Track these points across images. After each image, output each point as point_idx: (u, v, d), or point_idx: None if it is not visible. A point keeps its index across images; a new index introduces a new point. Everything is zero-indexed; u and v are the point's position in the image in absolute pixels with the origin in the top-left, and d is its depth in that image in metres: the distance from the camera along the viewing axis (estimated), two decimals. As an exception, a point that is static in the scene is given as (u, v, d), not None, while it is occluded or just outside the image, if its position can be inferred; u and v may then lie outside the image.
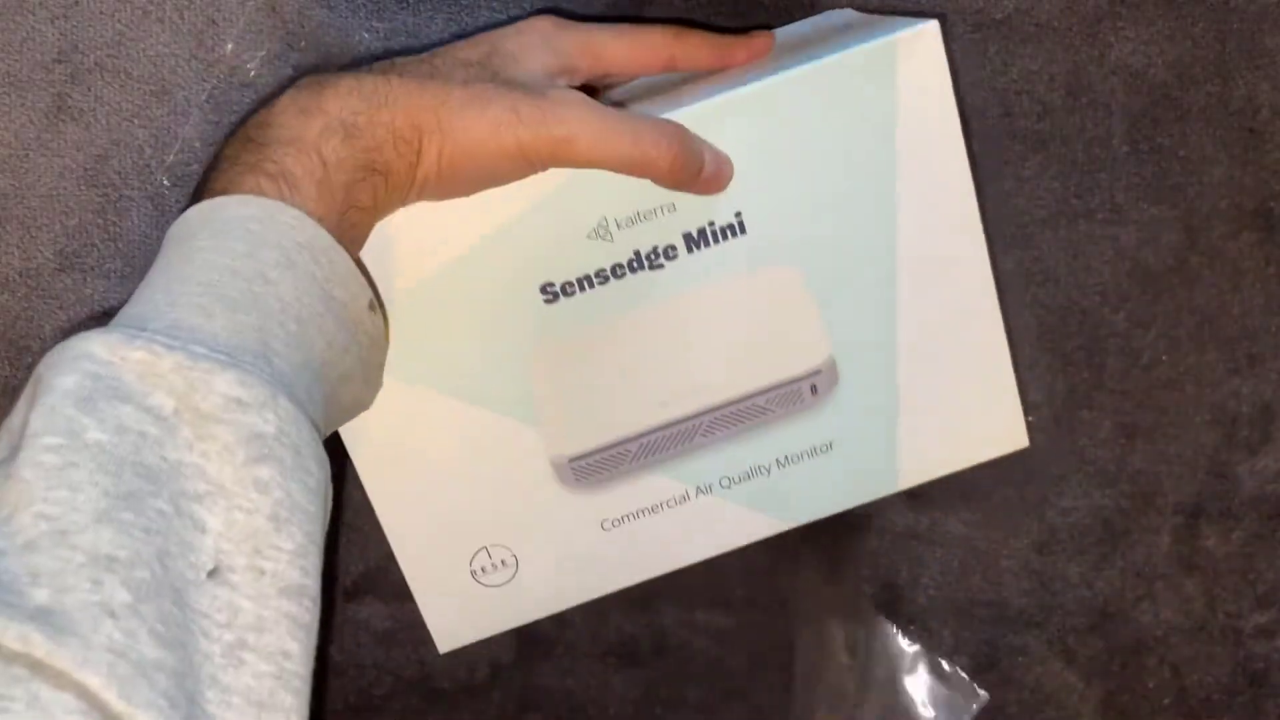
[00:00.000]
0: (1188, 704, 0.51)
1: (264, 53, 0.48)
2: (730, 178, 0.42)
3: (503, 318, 0.43)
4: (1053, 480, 0.50)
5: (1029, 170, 0.49)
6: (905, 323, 0.44)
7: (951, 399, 0.45)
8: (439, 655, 0.49)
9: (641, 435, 0.44)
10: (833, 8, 0.47)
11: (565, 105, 0.38)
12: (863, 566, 0.50)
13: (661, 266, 0.43)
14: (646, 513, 0.45)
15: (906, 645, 0.50)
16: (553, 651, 0.50)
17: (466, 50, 0.41)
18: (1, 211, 0.47)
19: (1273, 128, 0.50)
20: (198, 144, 0.47)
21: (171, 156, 0.48)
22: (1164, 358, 0.50)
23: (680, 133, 0.40)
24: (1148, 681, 0.51)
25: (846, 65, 0.41)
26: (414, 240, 0.41)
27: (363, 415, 0.41)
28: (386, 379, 0.42)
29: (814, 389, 0.44)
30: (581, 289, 0.42)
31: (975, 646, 0.50)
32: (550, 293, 0.42)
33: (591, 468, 0.44)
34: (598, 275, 0.42)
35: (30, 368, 0.48)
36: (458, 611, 0.45)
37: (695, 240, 0.42)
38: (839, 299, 0.44)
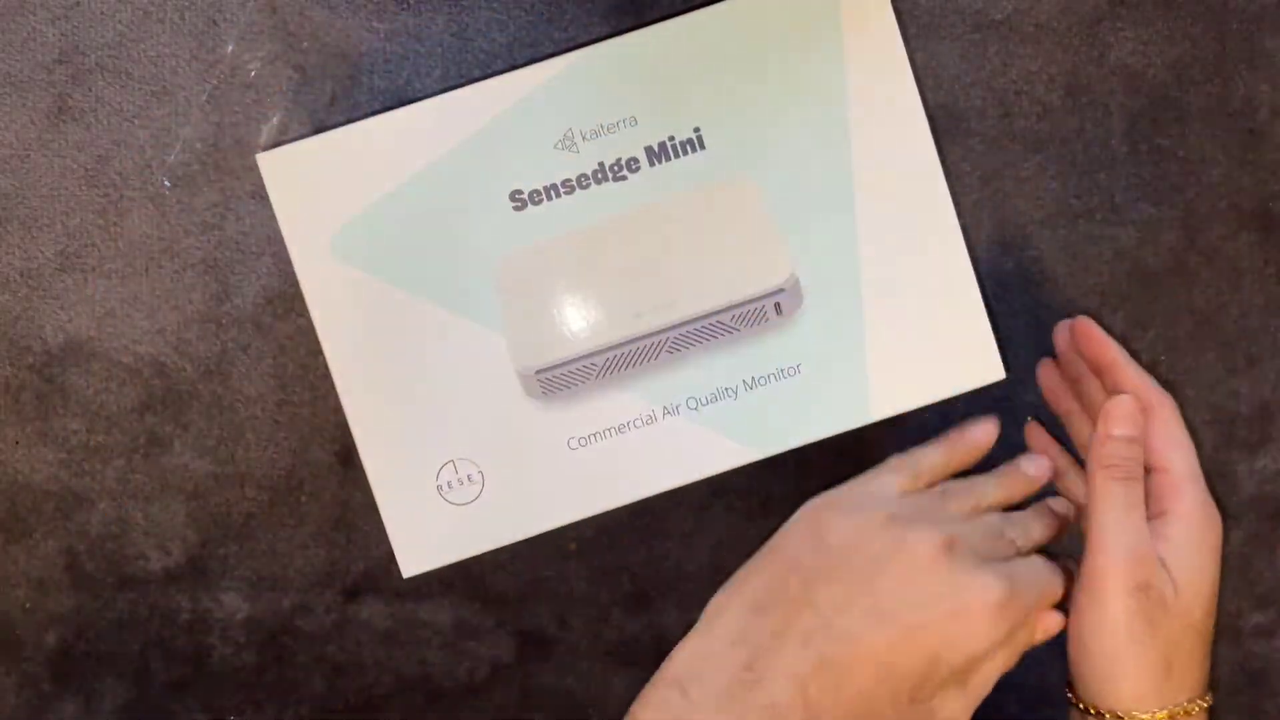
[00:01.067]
0: (1187, 703, 0.51)
1: (264, 53, 0.48)
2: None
3: (473, 223, 0.44)
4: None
5: (1028, 170, 0.49)
6: (866, 246, 0.45)
7: (920, 326, 0.45)
8: (439, 655, 0.49)
9: (608, 349, 0.45)
10: None
11: None
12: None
13: (625, 178, 0.44)
14: (614, 432, 0.45)
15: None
16: (553, 651, 0.50)
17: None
18: (2, 211, 0.47)
19: (1272, 128, 0.50)
20: (198, 144, 0.47)
21: (172, 157, 0.48)
22: (1163, 358, 0.50)
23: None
24: (1147, 681, 0.51)
25: None
26: (391, 145, 0.44)
27: (338, 309, 0.44)
28: (367, 275, 0.44)
29: (778, 308, 0.45)
30: (548, 198, 0.44)
31: (975, 646, 0.50)
32: (518, 200, 0.44)
33: (558, 380, 0.45)
34: (564, 185, 0.44)
35: (30, 368, 0.48)
36: (424, 531, 0.45)
37: (656, 153, 0.45)
38: (799, 219, 0.45)
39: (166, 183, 0.48)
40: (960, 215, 0.46)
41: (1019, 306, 0.49)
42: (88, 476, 0.48)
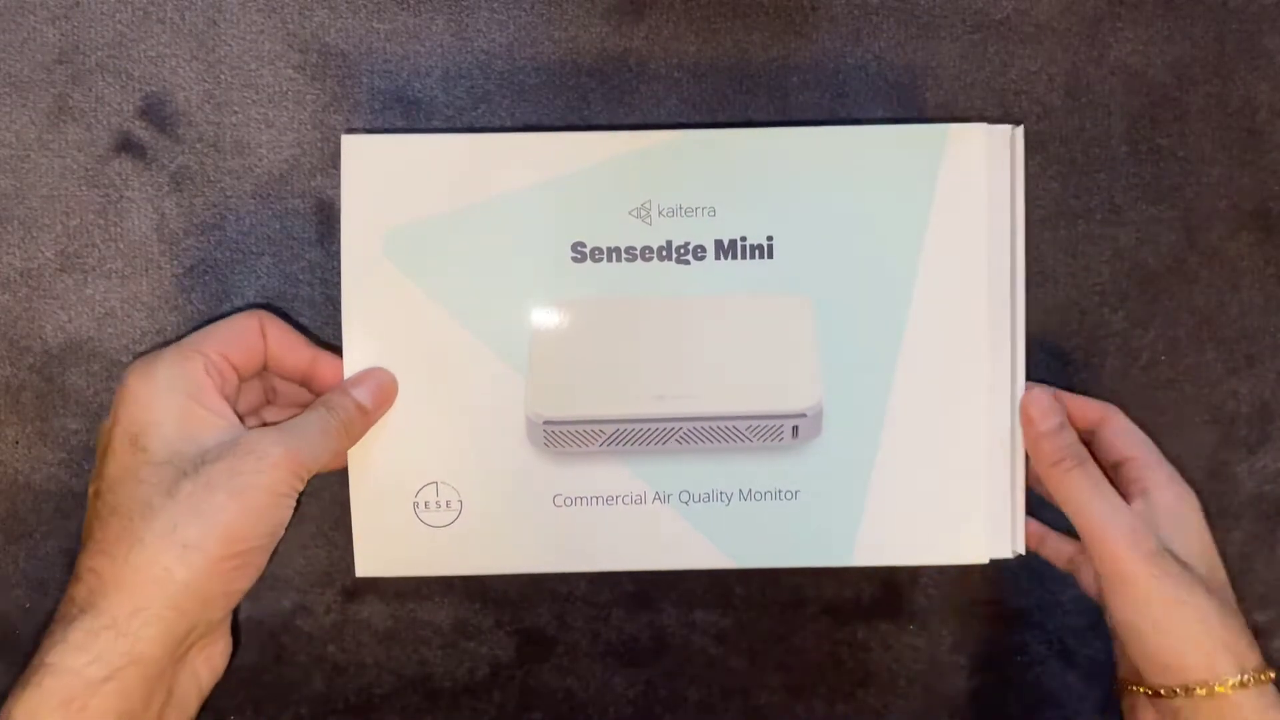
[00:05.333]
0: (1187, 703, 0.51)
1: (264, 53, 0.48)
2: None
3: (529, 261, 0.44)
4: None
5: (1029, 170, 0.49)
6: (899, 398, 0.45)
7: (924, 491, 0.45)
8: (439, 655, 0.49)
9: (621, 421, 0.44)
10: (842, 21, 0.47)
11: None
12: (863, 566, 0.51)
13: (688, 262, 0.44)
14: (601, 501, 0.45)
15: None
16: (553, 651, 0.50)
17: None
18: (2, 211, 0.47)
19: (1271, 128, 0.50)
20: (199, 145, 0.47)
21: (173, 158, 0.48)
22: (1163, 357, 0.50)
23: None
24: (1147, 681, 0.51)
25: (899, 135, 0.45)
26: (473, 165, 0.44)
27: (370, 303, 0.44)
28: (410, 280, 0.44)
29: (795, 431, 0.44)
30: (609, 259, 0.44)
31: (975, 646, 0.50)
32: (579, 252, 0.44)
33: (564, 436, 0.44)
34: (628, 251, 0.44)
35: (30, 368, 0.48)
36: (390, 540, 0.45)
37: (725, 248, 0.44)
38: (842, 353, 0.45)
39: (167, 184, 0.48)
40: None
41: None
42: (88, 476, 0.48)
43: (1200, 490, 0.50)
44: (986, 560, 0.45)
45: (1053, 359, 0.50)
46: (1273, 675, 0.38)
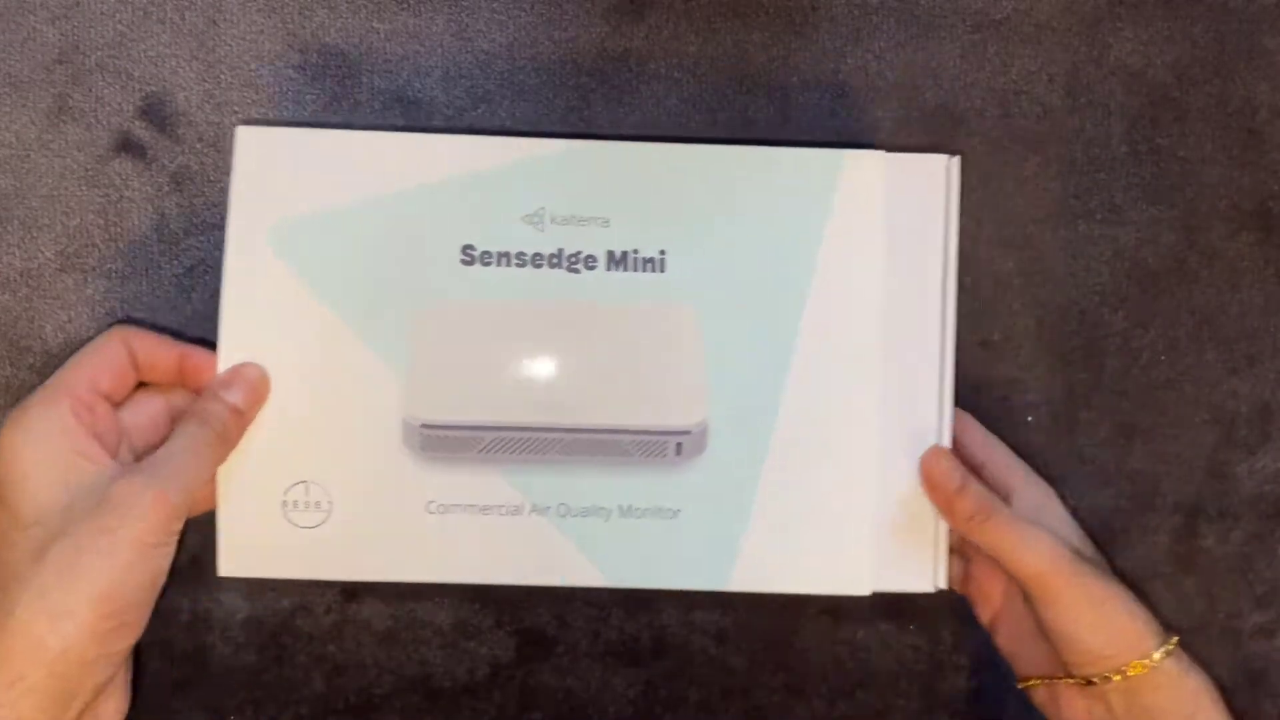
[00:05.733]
0: (1187, 703, 0.51)
1: (264, 53, 0.48)
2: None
3: (417, 264, 0.44)
4: (1052, 480, 0.50)
5: (1029, 170, 0.49)
6: (785, 419, 0.44)
7: (807, 516, 0.44)
8: (439, 655, 0.49)
9: (499, 429, 0.44)
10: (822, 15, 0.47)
11: None
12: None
13: (578, 271, 0.44)
14: (476, 511, 0.44)
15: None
16: (553, 651, 0.50)
17: None
18: (2, 211, 0.47)
19: (1271, 128, 0.50)
20: (198, 144, 0.47)
21: (173, 158, 0.48)
22: (1163, 358, 0.50)
23: None
24: (1147, 681, 0.51)
25: (794, 159, 0.45)
26: (366, 162, 0.44)
27: (253, 295, 0.43)
28: (295, 275, 0.43)
29: (679, 448, 0.44)
30: (499, 264, 0.44)
31: (975, 646, 0.50)
32: (469, 255, 0.44)
33: (440, 441, 0.43)
34: (518, 257, 0.44)
35: (31, 368, 0.48)
36: (256, 539, 0.43)
37: (617, 260, 0.44)
38: (731, 372, 0.44)
39: (167, 184, 0.48)
40: (961, 216, 0.46)
41: (1019, 306, 0.49)
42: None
43: (1200, 490, 0.50)
44: (868, 592, 0.45)
45: (1053, 359, 0.50)
46: (1176, 637, 0.42)
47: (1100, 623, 0.41)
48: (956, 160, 0.45)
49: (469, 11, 0.48)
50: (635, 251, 0.44)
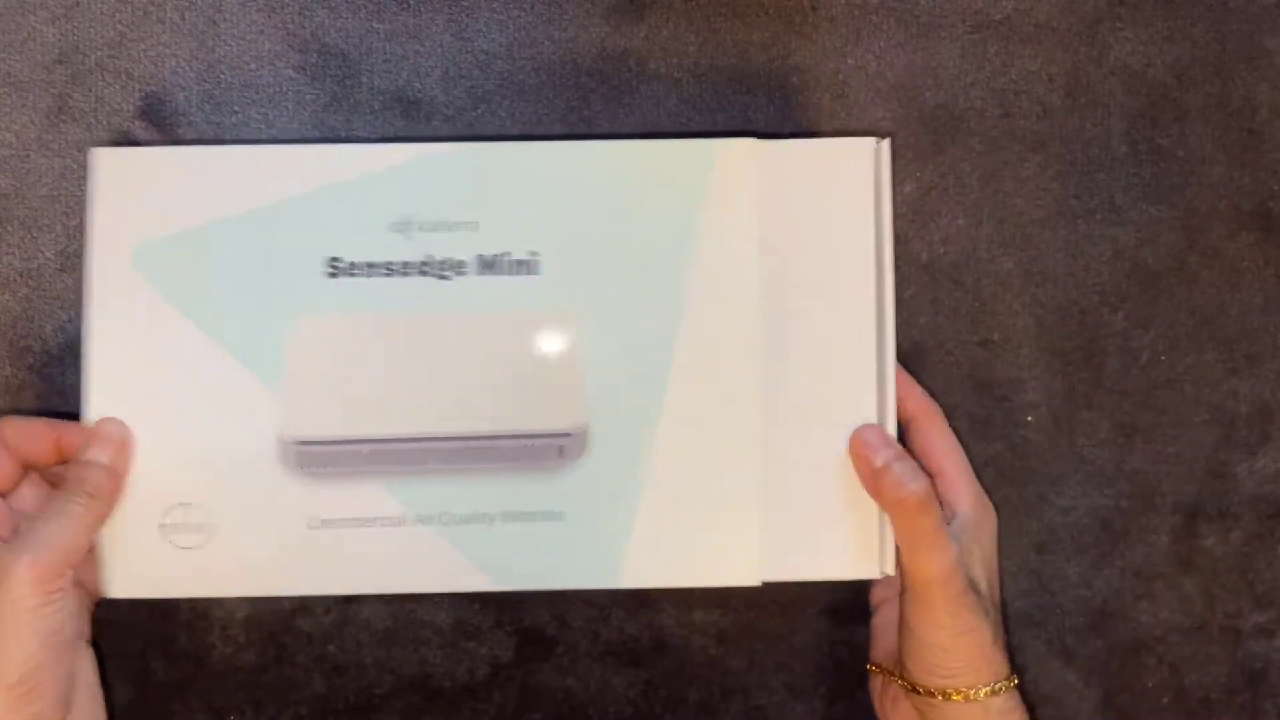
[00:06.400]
0: (1186, 703, 0.51)
1: (264, 53, 0.48)
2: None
3: (283, 277, 0.43)
4: (1052, 480, 0.50)
5: (1029, 170, 0.49)
6: (669, 417, 0.44)
7: (692, 512, 0.44)
8: (439, 655, 0.49)
9: (378, 442, 0.43)
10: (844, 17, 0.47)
11: None
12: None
13: (448, 278, 0.44)
14: (360, 524, 0.43)
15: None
16: (553, 651, 0.50)
17: None
18: (2, 211, 0.47)
19: (1271, 128, 0.50)
20: (198, 144, 0.47)
21: (172, 156, 0.48)
22: (1163, 357, 0.50)
23: None
24: (1147, 681, 0.51)
25: (663, 151, 0.44)
26: (228, 178, 0.43)
27: (118, 320, 0.43)
28: (160, 297, 0.43)
29: (561, 451, 0.44)
30: (366, 274, 0.43)
31: (975, 646, 0.50)
32: (335, 267, 0.43)
33: (317, 457, 0.43)
34: (386, 266, 0.43)
35: (31, 368, 0.48)
36: (138, 560, 0.43)
37: (488, 263, 0.44)
38: (610, 373, 0.44)
39: (166, 183, 0.48)
40: (961, 216, 0.46)
41: (1019, 306, 0.49)
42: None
43: (1200, 490, 0.50)
44: (758, 583, 0.44)
45: (1053, 359, 0.50)
46: (1015, 680, 0.43)
47: (953, 647, 0.42)
48: (886, 143, 0.44)
49: (469, 11, 0.48)
50: (506, 254, 0.44)
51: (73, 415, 0.43)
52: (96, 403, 0.43)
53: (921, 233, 0.49)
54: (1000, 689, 0.43)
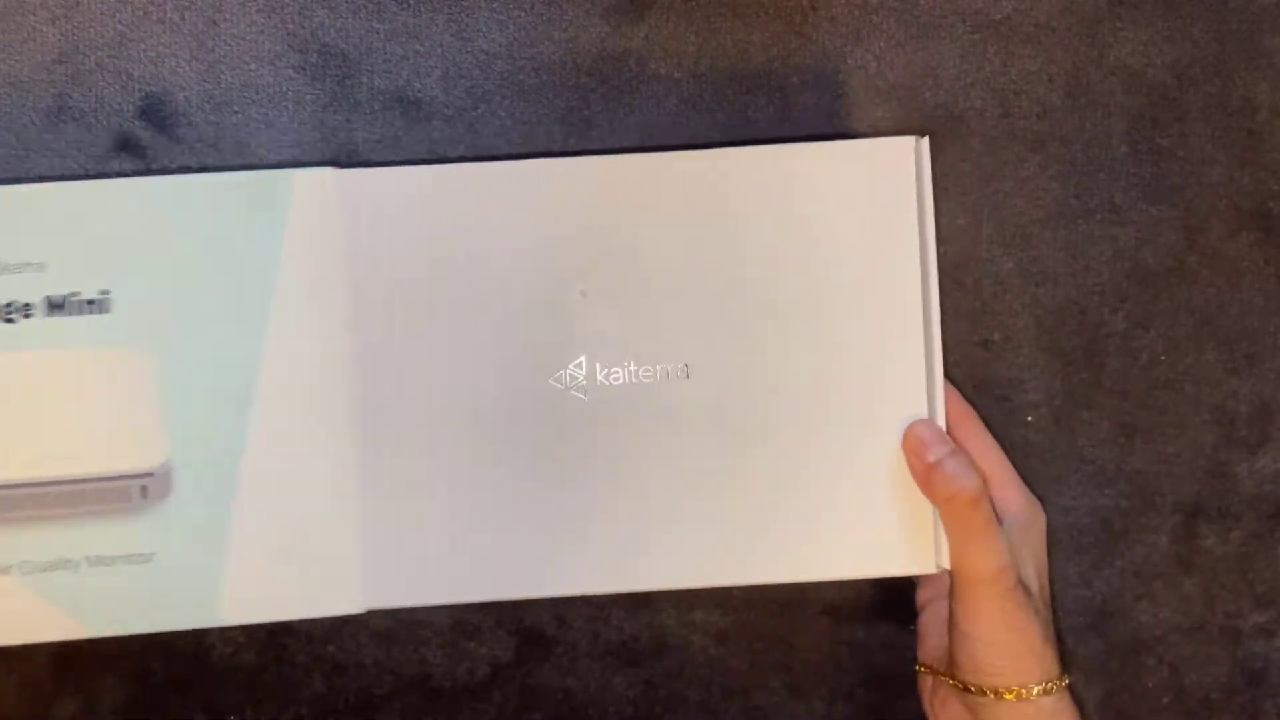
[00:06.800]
0: (1186, 703, 0.51)
1: (264, 53, 0.48)
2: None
3: None
4: (1052, 480, 0.50)
5: (1028, 170, 0.49)
6: (254, 452, 0.43)
7: (287, 542, 0.43)
8: (439, 655, 0.49)
9: None
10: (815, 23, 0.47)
11: None
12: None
13: (13, 321, 0.43)
14: None
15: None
16: (553, 651, 0.50)
17: None
18: (2, 211, 0.47)
19: (1271, 128, 0.50)
20: (199, 145, 0.47)
21: (173, 159, 0.48)
22: (1163, 357, 0.50)
23: None
24: (1147, 681, 0.51)
25: (235, 182, 0.44)
26: None
27: None
28: None
29: (144, 491, 0.43)
30: None
31: (975, 646, 0.50)
32: None
33: None
34: None
35: (30, 368, 0.48)
36: None
37: (57, 305, 0.43)
38: (191, 411, 0.43)
39: (166, 183, 0.48)
40: (960, 215, 0.46)
41: (1019, 306, 0.49)
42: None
43: (1200, 490, 0.50)
44: (363, 610, 0.44)
45: (1053, 359, 0.50)
46: (1068, 681, 0.43)
47: (1003, 644, 0.42)
48: (925, 141, 0.44)
49: (469, 11, 0.48)
50: (75, 294, 0.43)
51: None
52: None
53: (921, 233, 0.49)
54: (1052, 688, 0.42)
